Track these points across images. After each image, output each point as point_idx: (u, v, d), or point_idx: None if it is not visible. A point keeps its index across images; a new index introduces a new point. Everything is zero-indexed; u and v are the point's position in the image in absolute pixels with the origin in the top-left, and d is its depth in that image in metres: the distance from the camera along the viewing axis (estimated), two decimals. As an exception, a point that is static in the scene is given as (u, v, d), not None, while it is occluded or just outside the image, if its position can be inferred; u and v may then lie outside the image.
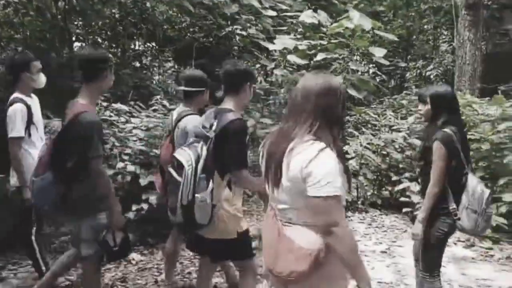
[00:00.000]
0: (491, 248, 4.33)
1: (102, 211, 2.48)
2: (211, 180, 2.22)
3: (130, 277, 3.52)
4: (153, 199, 3.92)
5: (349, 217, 5.40)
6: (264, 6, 8.41)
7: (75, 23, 7.97)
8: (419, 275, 2.74)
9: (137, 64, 9.27)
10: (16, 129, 2.92)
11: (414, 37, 14.20)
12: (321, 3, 10.32)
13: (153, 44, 9.17)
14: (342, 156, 1.62)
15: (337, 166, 1.55)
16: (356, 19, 7.09)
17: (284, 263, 1.57)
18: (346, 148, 6.14)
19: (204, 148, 2.24)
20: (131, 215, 3.92)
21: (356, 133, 6.75)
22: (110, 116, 4.83)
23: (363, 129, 7.09)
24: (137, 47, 9.60)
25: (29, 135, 3.01)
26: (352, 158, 6.03)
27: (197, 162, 2.19)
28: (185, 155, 2.22)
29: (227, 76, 2.40)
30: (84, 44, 8.60)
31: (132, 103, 5.70)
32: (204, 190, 2.19)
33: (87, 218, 2.47)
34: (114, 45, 8.71)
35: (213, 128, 2.27)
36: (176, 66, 10.73)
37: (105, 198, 2.44)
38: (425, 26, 13.29)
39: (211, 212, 2.23)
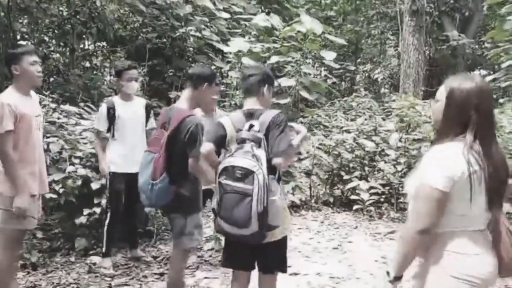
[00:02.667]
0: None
1: (200, 207, 2.78)
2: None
3: (83, 283, 3.43)
4: (104, 203, 3.85)
5: (303, 215, 5.55)
6: (218, 8, 8.44)
7: (20, 21, 7.60)
8: None
9: (87, 64, 8.98)
10: (99, 124, 3.69)
11: (363, 41, 14.80)
12: (274, 7, 10.51)
13: (104, 43, 8.92)
14: None
15: None
16: (308, 23, 7.30)
17: None
18: (299, 148, 6.29)
19: (259, 149, 2.22)
20: (82, 219, 3.83)
21: (309, 134, 6.94)
22: (59, 118, 4.66)
23: (315, 130, 7.30)
24: (86, 47, 9.29)
25: (112, 132, 3.66)
26: (305, 158, 6.19)
27: (261, 164, 2.16)
28: (246, 161, 2.14)
29: (270, 79, 2.49)
30: (29, 43, 8.21)
31: (82, 104, 5.53)
32: (277, 190, 2.22)
33: (192, 214, 2.68)
34: (62, 44, 8.37)
35: (256, 128, 2.27)
36: (128, 67, 10.50)
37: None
38: (373, 31, 13.88)
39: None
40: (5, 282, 2.72)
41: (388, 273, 1.71)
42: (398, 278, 1.68)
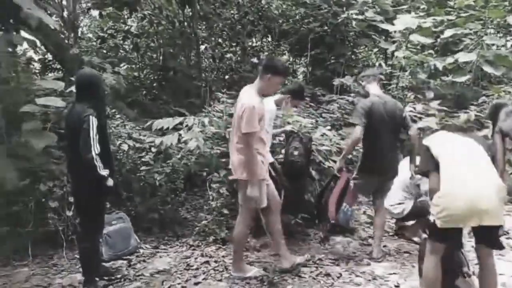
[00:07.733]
0: None
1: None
2: None
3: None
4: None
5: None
6: (381, -14, 8.01)
7: (200, 27, 8.62)
8: None
9: (255, 60, 9.65)
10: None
11: None
12: (446, -26, 9.44)
13: (269, 39, 9.44)
14: None
15: None
16: (490, -14, 6.35)
17: None
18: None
19: None
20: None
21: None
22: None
23: (503, 110, 6.29)
24: (254, 44, 9.98)
25: None
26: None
27: None
28: None
29: None
30: (207, 46, 9.25)
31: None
32: None
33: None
34: (234, 44, 9.18)
35: None
36: (291, 59, 10.89)
37: None
38: None
39: None
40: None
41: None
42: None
